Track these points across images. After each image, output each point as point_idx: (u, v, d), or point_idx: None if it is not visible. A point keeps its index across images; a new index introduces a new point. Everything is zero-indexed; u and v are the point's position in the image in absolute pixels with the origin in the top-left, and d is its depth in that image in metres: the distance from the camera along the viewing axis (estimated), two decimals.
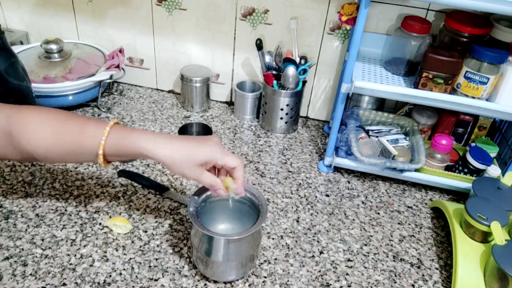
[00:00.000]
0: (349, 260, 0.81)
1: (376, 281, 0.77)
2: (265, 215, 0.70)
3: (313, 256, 0.81)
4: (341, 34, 1.07)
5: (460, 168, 0.97)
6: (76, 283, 0.71)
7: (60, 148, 0.68)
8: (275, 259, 0.79)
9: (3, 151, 0.68)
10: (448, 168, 0.99)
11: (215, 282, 0.74)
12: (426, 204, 0.96)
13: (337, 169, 1.03)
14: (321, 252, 0.82)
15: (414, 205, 0.96)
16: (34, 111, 0.69)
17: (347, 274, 0.78)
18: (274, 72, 1.10)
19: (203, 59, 1.19)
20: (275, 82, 1.08)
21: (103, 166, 0.69)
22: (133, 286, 0.72)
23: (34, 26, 1.26)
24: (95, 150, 0.67)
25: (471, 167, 0.95)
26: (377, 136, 1.02)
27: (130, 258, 0.76)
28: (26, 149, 0.67)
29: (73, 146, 0.68)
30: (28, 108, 0.70)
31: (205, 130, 0.96)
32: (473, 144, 0.99)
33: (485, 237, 0.78)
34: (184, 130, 0.94)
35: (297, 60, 1.08)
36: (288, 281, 0.75)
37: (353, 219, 0.90)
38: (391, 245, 0.85)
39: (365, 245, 0.84)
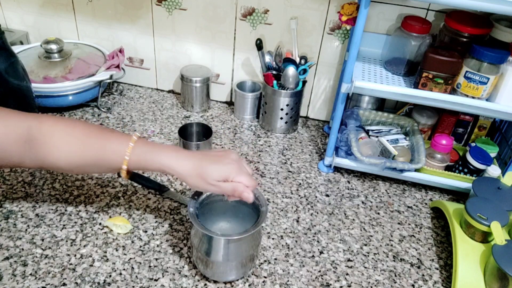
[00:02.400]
0: (349, 260, 0.81)
1: (376, 281, 0.77)
2: (265, 215, 0.70)
3: (313, 256, 0.81)
4: (341, 34, 1.07)
5: (460, 168, 0.97)
6: (76, 283, 0.71)
7: (82, 162, 0.69)
8: (275, 259, 0.79)
9: (22, 160, 0.68)
10: (448, 168, 0.99)
11: (215, 282, 0.74)
12: (426, 204, 0.96)
13: (337, 169, 1.03)
14: (321, 252, 0.82)
15: (414, 205, 0.96)
16: (59, 123, 0.70)
17: (347, 274, 0.78)
18: (274, 72, 1.10)
19: (203, 59, 1.19)
20: (275, 82, 1.08)
21: (125, 178, 0.72)
22: (133, 286, 0.72)
23: (34, 26, 1.26)
24: (119, 165, 0.69)
25: (471, 167, 0.95)
26: (377, 136, 1.02)
27: (130, 258, 0.76)
28: (47, 160, 0.68)
29: (96, 160, 0.69)
30: (53, 119, 0.70)
31: (205, 130, 0.96)
32: (473, 144, 0.99)
33: (485, 237, 0.78)
34: (184, 130, 0.94)
35: (297, 60, 1.08)
36: (288, 281, 0.75)
37: (353, 219, 0.90)
38: (391, 245, 0.85)
39: (365, 245, 0.84)
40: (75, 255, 0.76)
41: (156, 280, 0.73)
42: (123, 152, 0.68)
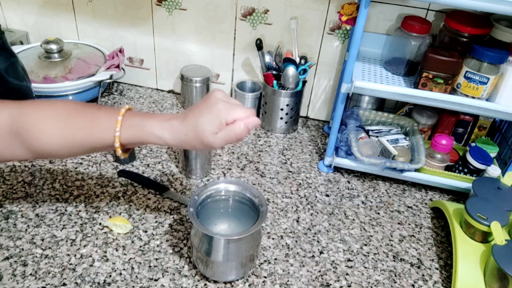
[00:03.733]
0: (349, 260, 0.81)
1: (376, 281, 0.77)
2: (265, 215, 0.70)
3: (313, 256, 0.81)
4: (341, 34, 1.07)
5: (460, 168, 0.97)
6: (76, 283, 0.71)
7: (73, 144, 0.65)
8: (275, 259, 0.79)
9: (13, 152, 0.65)
10: (448, 168, 0.99)
11: (215, 282, 0.74)
12: (426, 204, 0.96)
13: (337, 169, 1.03)
14: (321, 252, 0.82)
15: (414, 205, 0.96)
16: (41, 106, 0.66)
17: (347, 274, 0.78)
18: (274, 72, 1.10)
19: (203, 59, 1.19)
20: (275, 82, 1.08)
21: (122, 157, 0.67)
22: (133, 286, 0.72)
23: (34, 26, 1.26)
24: (110, 142, 0.65)
25: (471, 167, 0.95)
26: (377, 136, 1.02)
27: (130, 258, 0.76)
28: (37, 147, 0.64)
29: (86, 141, 0.65)
30: (34, 103, 0.67)
31: None
32: (473, 144, 0.99)
33: (485, 237, 0.78)
34: None
35: (297, 60, 1.08)
36: (288, 281, 0.75)
37: (353, 219, 0.90)
38: (391, 245, 0.85)
39: (365, 245, 0.84)
40: (75, 255, 0.76)
41: (156, 280, 0.73)
42: (112, 128, 0.64)
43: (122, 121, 0.64)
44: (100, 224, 0.82)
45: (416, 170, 0.96)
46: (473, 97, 0.87)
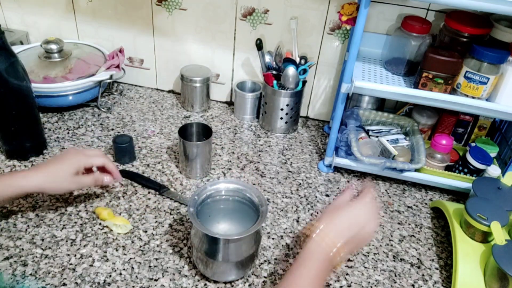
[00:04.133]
0: (349, 260, 0.81)
1: (376, 281, 0.77)
2: (265, 215, 0.70)
3: None
4: (341, 34, 1.07)
5: (460, 168, 0.97)
6: (76, 283, 0.71)
7: None
8: (275, 259, 0.79)
9: None
10: (448, 168, 0.99)
11: (215, 282, 0.74)
12: (426, 204, 0.96)
13: (337, 169, 1.03)
14: None
15: (414, 205, 0.96)
16: None
17: (347, 274, 0.78)
18: (274, 72, 1.10)
19: (203, 59, 1.19)
20: (275, 82, 1.08)
21: None
22: (133, 286, 0.72)
23: (34, 26, 1.26)
24: None
25: (471, 167, 0.95)
26: (377, 136, 1.02)
27: (130, 258, 0.76)
28: None
29: None
30: None
31: (205, 130, 0.96)
32: (473, 144, 0.99)
33: (485, 237, 0.78)
34: (184, 130, 0.94)
35: (297, 60, 1.08)
36: None
37: None
38: (391, 245, 0.85)
39: (365, 245, 0.84)
40: (75, 255, 0.76)
41: (156, 280, 0.73)
42: None
43: None
44: (100, 224, 0.82)
45: (416, 170, 0.96)
46: (473, 97, 0.87)
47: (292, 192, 0.95)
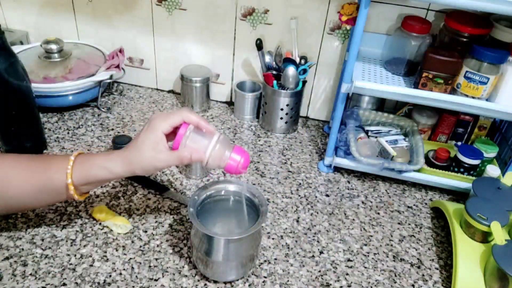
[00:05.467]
0: (349, 260, 0.81)
1: (376, 281, 0.77)
2: (265, 215, 0.70)
3: (313, 256, 0.81)
4: (341, 34, 1.07)
5: (456, 169, 0.97)
6: (76, 283, 0.71)
7: (32, 188, 0.68)
8: (275, 259, 0.79)
9: None
10: (446, 169, 0.99)
11: (215, 282, 0.74)
12: (426, 204, 0.96)
13: (337, 169, 1.03)
14: (321, 252, 0.82)
15: (414, 205, 0.96)
16: (3, 159, 0.70)
17: (347, 274, 0.78)
18: (274, 72, 1.10)
19: (203, 59, 1.19)
20: (275, 82, 1.08)
21: (78, 199, 0.71)
22: (133, 286, 0.72)
23: (34, 26, 1.26)
24: (63, 181, 0.67)
25: (466, 165, 0.95)
26: (376, 137, 1.02)
27: (130, 258, 0.76)
28: (6, 196, 0.67)
29: (42, 182, 0.68)
30: None
31: None
32: (459, 143, 1.00)
33: (485, 237, 0.78)
34: None
35: (297, 60, 1.08)
36: (288, 281, 0.75)
37: (353, 219, 0.90)
38: (391, 245, 0.85)
39: (365, 245, 0.84)
40: (75, 255, 0.76)
41: (156, 280, 0.73)
42: (64, 167, 0.67)
43: (74, 161, 0.68)
44: (100, 224, 0.82)
45: (416, 170, 0.96)
46: (473, 97, 0.87)
47: (292, 192, 0.95)
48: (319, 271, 0.78)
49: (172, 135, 0.69)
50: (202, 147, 0.68)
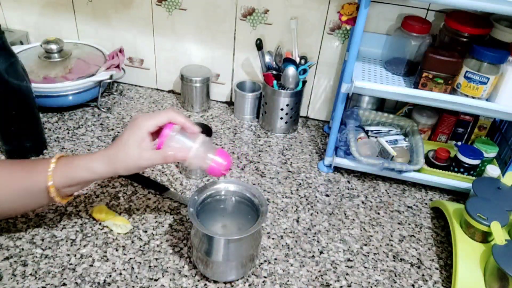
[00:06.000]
0: (349, 260, 0.81)
1: (376, 281, 0.77)
2: (265, 215, 0.70)
3: (313, 256, 0.81)
4: (341, 34, 1.07)
5: (456, 169, 0.97)
6: (76, 283, 0.71)
7: (11, 191, 0.68)
8: (275, 259, 0.79)
9: None
10: (446, 169, 0.99)
11: (215, 282, 0.74)
12: (426, 204, 0.96)
13: (337, 169, 1.03)
14: (321, 252, 0.82)
15: (414, 205, 0.96)
16: None
17: (347, 274, 0.78)
18: (274, 72, 1.10)
19: (203, 59, 1.19)
20: (275, 82, 1.08)
21: (60, 202, 0.71)
22: (133, 286, 0.72)
23: (34, 26, 1.26)
24: (44, 184, 0.67)
25: (466, 165, 0.95)
26: (376, 137, 1.02)
27: (130, 258, 0.76)
28: None
29: (23, 185, 0.68)
30: None
31: (206, 130, 0.96)
32: (459, 143, 1.00)
33: (485, 237, 0.78)
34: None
35: (297, 60, 1.08)
36: (288, 281, 0.75)
37: (353, 219, 0.90)
38: (391, 245, 0.85)
39: (365, 245, 0.84)
40: (75, 255, 0.76)
41: (156, 280, 0.73)
42: (45, 169, 0.67)
43: (56, 163, 0.68)
44: (100, 224, 0.82)
45: (416, 170, 0.96)
46: (473, 97, 0.87)
47: (292, 192, 0.95)
48: (319, 271, 0.78)
49: (155, 135, 0.69)
50: (186, 147, 0.69)
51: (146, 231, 0.82)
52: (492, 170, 0.92)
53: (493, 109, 0.84)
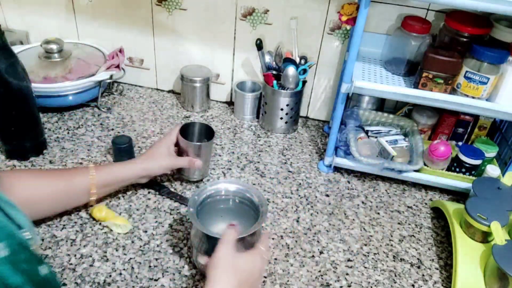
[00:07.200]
0: (349, 260, 0.81)
1: (376, 281, 0.77)
2: (265, 215, 0.70)
3: (313, 256, 0.81)
4: (341, 34, 1.07)
5: (457, 169, 0.97)
6: (76, 283, 0.71)
7: (54, 190, 0.76)
8: (275, 259, 0.79)
9: None
10: (447, 169, 0.99)
11: None
12: (426, 204, 0.96)
13: (337, 169, 1.03)
14: (321, 252, 0.82)
15: (414, 205, 0.96)
16: (23, 170, 0.88)
17: (347, 274, 0.78)
18: (274, 72, 1.10)
19: (203, 59, 1.19)
20: (275, 82, 1.08)
21: (93, 203, 0.82)
22: (133, 286, 0.72)
23: (34, 26, 1.26)
24: (87, 184, 0.79)
25: (467, 165, 0.95)
26: (376, 137, 1.02)
27: (130, 258, 0.76)
28: (21, 196, 0.68)
29: (65, 187, 0.77)
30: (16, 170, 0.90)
31: (207, 130, 0.95)
32: (460, 143, 1.00)
33: (485, 237, 0.78)
34: (185, 130, 0.93)
35: (297, 60, 1.08)
36: (288, 281, 0.75)
37: (353, 219, 0.90)
38: (391, 245, 0.85)
39: (365, 245, 0.84)
40: (75, 255, 0.76)
41: (156, 280, 0.73)
42: (87, 172, 0.79)
43: (93, 167, 0.80)
44: (100, 224, 0.82)
45: (416, 170, 0.96)
46: (473, 97, 0.87)
47: (292, 192, 0.95)
48: (319, 271, 0.78)
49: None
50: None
51: (146, 231, 0.82)
52: (492, 170, 0.92)
53: (493, 109, 0.84)
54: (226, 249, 0.64)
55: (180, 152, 0.90)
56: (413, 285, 0.77)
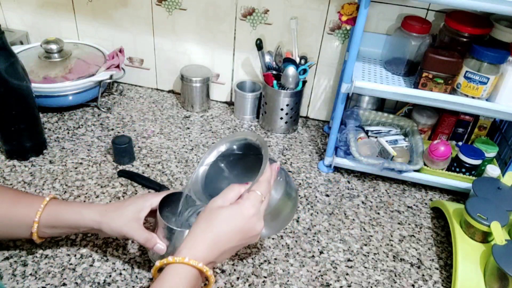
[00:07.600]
0: (349, 260, 0.81)
1: (376, 281, 0.77)
2: (267, 155, 0.65)
3: (313, 256, 0.81)
4: (341, 34, 1.07)
5: (457, 169, 0.97)
6: (76, 283, 0.71)
7: None
8: (275, 259, 0.79)
9: None
10: (447, 169, 0.99)
11: (215, 281, 0.74)
12: (426, 204, 0.96)
13: (337, 169, 1.03)
14: (321, 252, 0.82)
15: (414, 205, 0.96)
16: None
17: (347, 274, 0.78)
18: (274, 72, 1.10)
19: (203, 59, 1.19)
20: (275, 82, 1.08)
21: (36, 240, 0.71)
22: (133, 286, 0.72)
23: (34, 26, 1.26)
24: (32, 218, 0.68)
25: (467, 165, 0.95)
26: (376, 137, 1.02)
27: (130, 258, 0.76)
28: None
29: (8, 214, 0.68)
30: None
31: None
32: (460, 143, 1.00)
33: (485, 237, 0.78)
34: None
35: (297, 60, 1.08)
36: (288, 281, 0.75)
37: (353, 219, 0.90)
38: (391, 245, 0.85)
39: (365, 245, 0.84)
40: (75, 255, 0.76)
41: None
42: (37, 204, 0.68)
43: (49, 201, 0.69)
44: None
45: (416, 170, 0.96)
46: (473, 97, 0.87)
47: None
48: (319, 271, 0.78)
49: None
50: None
51: None
52: (492, 170, 0.92)
53: (493, 109, 0.84)
54: (214, 202, 0.60)
55: (155, 223, 0.73)
56: (413, 285, 0.77)
